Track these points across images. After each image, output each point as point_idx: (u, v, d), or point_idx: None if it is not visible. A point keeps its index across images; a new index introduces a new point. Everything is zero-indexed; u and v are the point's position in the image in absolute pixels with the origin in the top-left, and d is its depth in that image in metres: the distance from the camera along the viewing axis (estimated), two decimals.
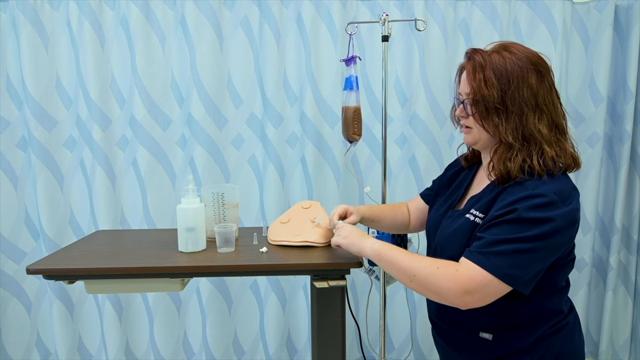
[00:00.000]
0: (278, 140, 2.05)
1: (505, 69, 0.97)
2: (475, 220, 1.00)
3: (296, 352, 2.22)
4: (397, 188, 2.13)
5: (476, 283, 0.89)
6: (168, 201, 2.07)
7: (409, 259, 0.97)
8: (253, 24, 2.00)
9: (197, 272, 1.23)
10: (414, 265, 0.95)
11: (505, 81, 0.97)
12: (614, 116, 2.16)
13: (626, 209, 2.19)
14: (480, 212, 1.00)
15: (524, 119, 0.96)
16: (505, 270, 0.88)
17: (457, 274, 0.90)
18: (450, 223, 1.08)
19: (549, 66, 1.01)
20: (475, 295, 0.89)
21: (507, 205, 0.92)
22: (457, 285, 0.89)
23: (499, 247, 0.89)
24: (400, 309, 2.18)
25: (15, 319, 2.11)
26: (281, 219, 1.47)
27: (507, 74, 0.97)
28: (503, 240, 0.89)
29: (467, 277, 0.89)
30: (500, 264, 0.88)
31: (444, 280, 0.91)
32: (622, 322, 2.27)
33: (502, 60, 0.98)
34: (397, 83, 2.07)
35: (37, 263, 1.21)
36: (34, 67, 1.94)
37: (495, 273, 0.88)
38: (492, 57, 0.99)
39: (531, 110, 0.97)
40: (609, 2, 2.04)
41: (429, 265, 0.94)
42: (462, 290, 0.89)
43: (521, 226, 0.89)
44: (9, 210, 2.04)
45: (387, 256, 1.00)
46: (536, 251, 0.89)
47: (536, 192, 0.91)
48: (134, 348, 2.16)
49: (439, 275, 0.92)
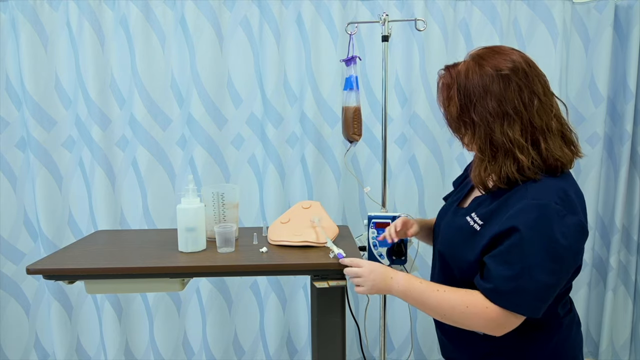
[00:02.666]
0: (278, 140, 2.05)
1: (466, 84, 0.98)
2: (474, 225, 1.01)
3: (296, 352, 2.21)
4: (397, 188, 2.12)
5: (504, 319, 0.94)
6: (168, 201, 2.06)
7: (435, 298, 1.00)
8: (253, 24, 2.00)
9: (197, 272, 1.23)
10: (442, 306, 0.99)
11: (467, 96, 0.98)
12: (614, 116, 2.16)
13: (626, 209, 2.19)
14: (480, 219, 1.00)
15: (491, 130, 0.96)
16: (528, 304, 0.92)
17: (487, 311, 0.94)
18: (454, 219, 1.10)
19: (519, 65, 0.96)
20: (506, 327, 0.95)
21: (505, 221, 0.92)
22: (489, 322, 0.95)
23: (517, 282, 0.91)
24: (400, 309, 2.18)
25: (14, 320, 2.10)
26: (281, 219, 1.47)
27: (469, 89, 0.98)
28: (519, 275, 0.90)
29: (497, 314, 0.94)
30: (522, 302, 0.92)
31: (477, 319, 0.96)
32: (622, 322, 2.27)
33: (466, 75, 0.99)
34: (397, 83, 2.07)
35: (37, 263, 1.21)
36: (34, 67, 1.93)
37: (520, 311, 0.93)
38: (459, 74, 1.00)
39: (498, 118, 0.95)
40: (609, 2, 2.04)
41: (458, 305, 0.97)
42: (494, 326, 0.95)
43: (529, 246, 0.90)
44: (8, 211, 2.04)
45: (414, 296, 1.04)
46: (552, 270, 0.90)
47: (532, 202, 0.90)
48: (134, 348, 2.16)
49: (470, 315, 0.96)
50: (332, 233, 1.39)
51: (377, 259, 1.47)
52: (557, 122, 0.97)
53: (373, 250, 1.47)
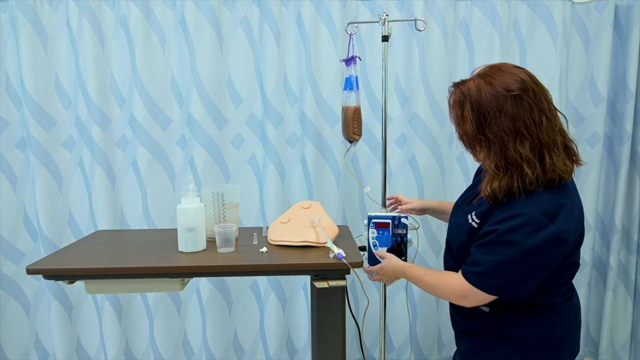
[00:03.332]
0: (278, 140, 2.05)
1: (480, 102, 1.04)
2: (472, 224, 1.13)
3: (296, 352, 2.21)
4: (397, 188, 2.12)
5: (467, 291, 1.09)
6: (168, 201, 2.07)
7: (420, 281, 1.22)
8: (253, 24, 2.00)
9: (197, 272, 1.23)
10: (426, 287, 1.21)
11: (482, 114, 1.04)
12: (614, 116, 2.16)
13: (626, 209, 2.19)
14: (478, 218, 1.12)
15: (505, 146, 1.03)
16: (490, 285, 1.06)
17: (451, 286, 1.13)
18: (460, 215, 1.21)
19: (528, 84, 1.03)
20: (470, 299, 1.11)
21: (492, 224, 1.05)
22: (453, 293, 1.13)
23: (483, 267, 1.05)
24: (400, 309, 2.18)
25: (14, 320, 2.10)
26: (281, 219, 1.47)
27: (484, 107, 1.03)
28: (486, 261, 1.05)
29: (460, 288, 1.10)
30: (486, 281, 1.06)
31: (446, 292, 1.15)
32: (622, 322, 2.27)
33: (478, 93, 1.05)
34: (397, 83, 2.07)
35: (37, 263, 1.21)
36: (34, 67, 1.93)
37: (481, 287, 1.07)
38: (470, 91, 1.06)
39: (512, 136, 1.02)
40: (609, 2, 2.04)
41: (433, 283, 1.18)
42: (459, 297, 1.12)
43: (501, 247, 1.02)
44: (8, 211, 2.04)
45: (410, 278, 1.25)
46: (517, 268, 1.02)
47: (518, 212, 1.01)
48: (134, 348, 2.16)
49: (441, 289, 1.16)
50: (332, 233, 1.39)
51: (377, 259, 1.47)
52: (560, 136, 1.05)
53: (373, 250, 1.47)
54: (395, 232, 1.45)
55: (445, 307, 2.20)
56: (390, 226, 1.45)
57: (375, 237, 1.46)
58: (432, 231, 2.17)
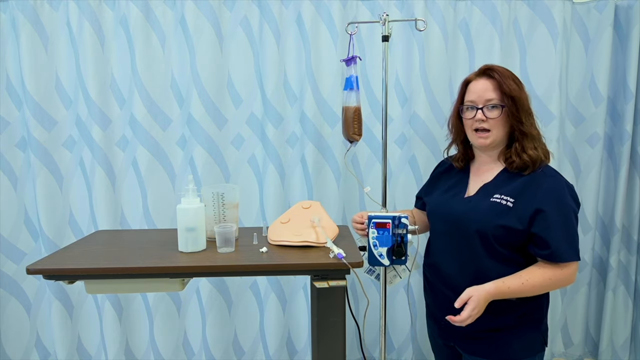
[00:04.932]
0: (278, 140, 2.05)
1: (517, 80, 1.31)
2: (506, 204, 1.26)
3: (296, 352, 2.21)
4: (397, 188, 2.12)
5: (575, 268, 1.25)
6: (168, 201, 2.07)
7: (527, 289, 1.23)
8: (253, 24, 2.00)
9: (197, 272, 1.23)
10: (535, 290, 1.24)
11: (523, 88, 1.31)
12: (614, 116, 2.16)
13: (626, 209, 2.19)
14: (511, 197, 1.26)
15: (532, 118, 1.31)
16: (578, 249, 1.26)
17: (565, 271, 1.24)
18: (475, 205, 1.31)
19: None
20: (575, 274, 1.26)
21: (554, 201, 1.23)
22: (569, 276, 1.25)
23: (575, 239, 1.24)
24: (401, 309, 2.18)
25: (15, 320, 2.11)
26: (281, 219, 1.47)
27: (521, 85, 1.31)
28: (573, 233, 1.25)
29: (571, 268, 1.25)
30: (577, 248, 1.25)
31: (561, 282, 1.24)
32: (622, 322, 2.27)
33: (513, 77, 1.31)
34: (397, 83, 2.07)
35: (37, 263, 1.21)
36: (34, 67, 1.93)
37: (578, 257, 1.25)
38: (506, 74, 1.31)
39: (531, 112, 1.33)
40: (609, 2, 2.04)
41: (543, 283, 1.23)
42: (573, 278, 1.25)
43: (572, 218, 1.25)
44: (9, 211, 2.04)
45: (510, 295, 1.24)
46: None
47: (564, 180, 1.27)
48: (134, 348, 2.16)
49: (556, 282, 1.24)
50: (332, 233, 1.39)
51: (377, 259, 1.47)
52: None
53: (373, 250, 1.47)
54: (395, 232, 1.45)
55: None
56: (390, 226, 1.45)
57: (375, 237, 1.46)
58: None
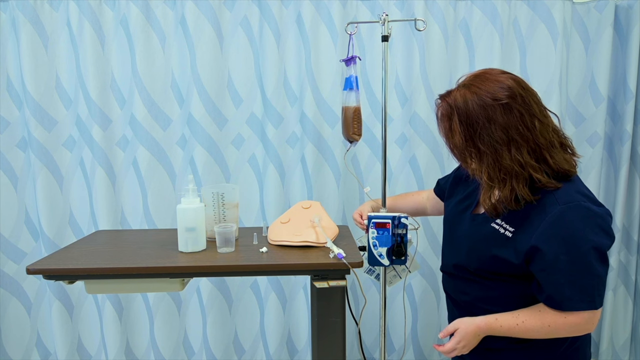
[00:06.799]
0: (278, 140, 2.05)
1: (467, 113, 1.01)
2: (505, 233, 1.06)
3: (296, 352, 2.22)
4: (397, 188, 2.12)
5: (586, 318, 1.01)
6: (168, 201, 2.07)
7: (521, 331, 1.05)
8: (253, 24, 2.00)
9: (197, 272, 1.23)
10: (529, 334, 1.05)
11: (470, 126, 1.01)
12: (614, 116, 2.16)
13: (626, 209, 2.19)
14: (511, 225, 1.05)
15: (499, 156, 1.00)
16: (594, 298, 1.00)
17: (568, 320, 1.01)
18: (477, 229, 1.14)
19: (515, 91, 1.00)
20: (591, 323, 1.02)
21: (568, 242, 0.97)
22: (574, 327, 1.02)
23: (580, 283, 0.98)
24: (401, 310, 2.18)
25: (15, 319, 2.11)
26: (281, 219, 1.47)
27: (472, 119, 1.01)
28: (578, 278, 0.98)
29: (578, 318, 1.01)
30: (588, 297, 0.99)
31: (562, 331, 1.03)
32: (622, 322, 2.27)
33: (465, 104, 1.02)
34: (397, 83, 2.07)
35: (37, 263, 1.21)
36: (34, 67, 1.93)
37: (592, 307, 1.00)
38: (457, 102, 1.03)
39: (505, 145, 1.00)
40: (609, 2, 2.04)
41: (541, 328, 1.03)
42: (580, 328, 1.02)
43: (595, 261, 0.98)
44: (9, 210, 2.04)
45: (502, 334, 1.08)
46: (605, 266, 1.01)
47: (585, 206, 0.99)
48: (134, 348, 2.16)
49: (555, 330, 1.03)
50: (332, 233, 1.39)
51: (377, 259, 1.47)
52: (555, 134, 1.04)
53: (373, 250, 1.47)
54: (395, 232, 1.46)
55: (445, 307, 2.20)
56: (390, 226, 1.45)
57: (375, 237, 1.46)
58: (432, 231, 2.17)
